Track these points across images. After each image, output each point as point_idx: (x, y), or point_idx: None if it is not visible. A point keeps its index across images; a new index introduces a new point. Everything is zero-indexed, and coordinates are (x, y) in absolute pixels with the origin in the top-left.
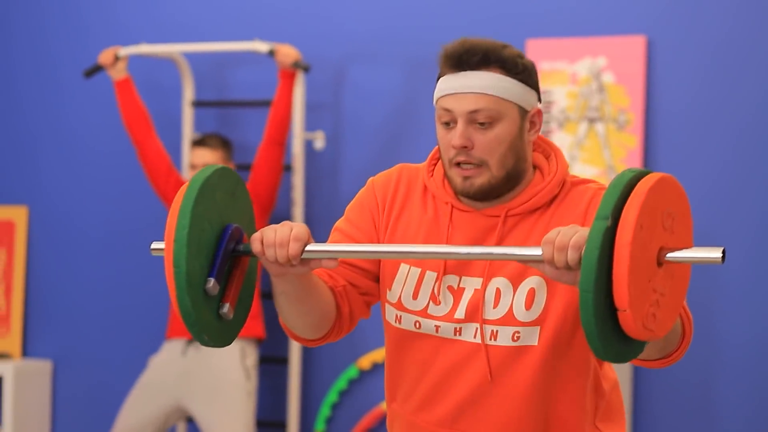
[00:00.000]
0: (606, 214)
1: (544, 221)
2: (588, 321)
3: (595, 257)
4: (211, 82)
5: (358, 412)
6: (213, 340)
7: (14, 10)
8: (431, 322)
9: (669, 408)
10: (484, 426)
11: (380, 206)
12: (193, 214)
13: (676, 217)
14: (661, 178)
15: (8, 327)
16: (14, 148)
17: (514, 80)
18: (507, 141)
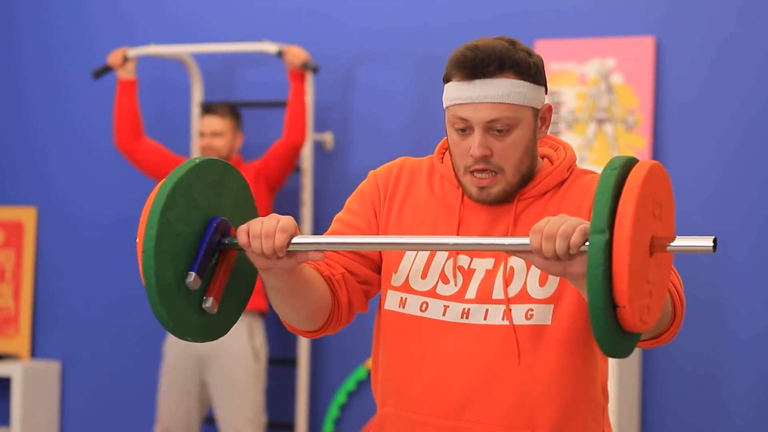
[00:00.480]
0: (602, 227)
1: (555, 203)
2: (602, 337)
3: (600, 274)
4: (219, 83)
5: (367, 413)
6: (197, 337)
7: (21, 11)
8: (440, 302)
9: (677, 400)
10: (492, 414)
11: (382, 194)
12: (160, 222)
13: (663, 204)
14: (648, 173)
15: (17, 328)
16: (23, 150)
17: (527, 83)
18: (523, 145)
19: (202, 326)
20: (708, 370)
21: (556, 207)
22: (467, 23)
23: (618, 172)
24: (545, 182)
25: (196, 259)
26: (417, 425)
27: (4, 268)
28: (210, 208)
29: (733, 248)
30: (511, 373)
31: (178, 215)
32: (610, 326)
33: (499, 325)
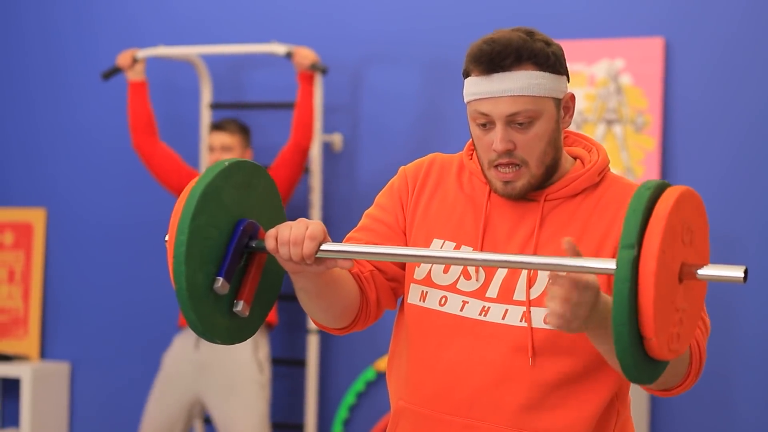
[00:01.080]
0: (632, 243)
1: (587, 208)
2: (624, 353)
3: (626, 289)
4: (228, 85)
5: (376, 414)
6: (227, 340)
7: (29, 14)
8: (459, 298)
9: (687, 398)
10: (501, 414)
11: (410, 188)
12: (191, 228)
13: (695, 230)
14: (679, 197)
15: (26, 329)
16: (32, 151)
17: (547, 73)
18: (546, 136)
19: (230, 329)
20: (717, 368)
21: (588, 212)
22: (476, 25)
23: (651, 192)
24: (574, 184)
25: (224, 264)
26: (428, 421)
27: (13, 269)
28: (238, 211)
29: (743, 247)
30: (523, 374)
31: (208, 219)
32: (633, 345)
33: (517, 326)
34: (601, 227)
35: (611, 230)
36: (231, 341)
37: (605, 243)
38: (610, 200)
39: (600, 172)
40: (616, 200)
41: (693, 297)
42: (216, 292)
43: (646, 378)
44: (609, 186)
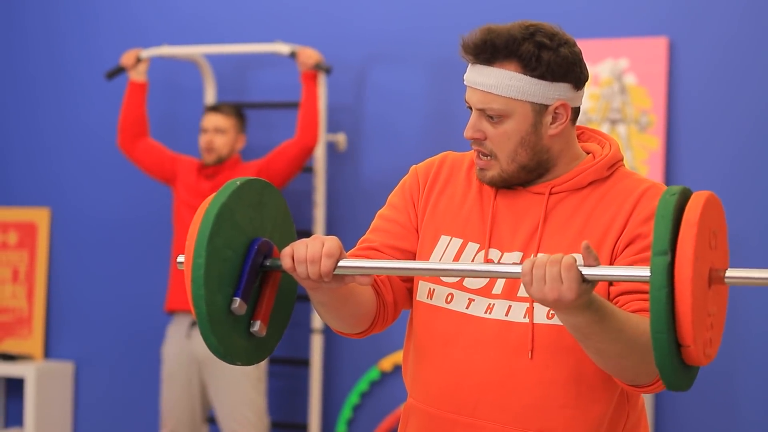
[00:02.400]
0: (665, 249)
1: (592, 202)
2: (664, 361)
3: (663, 296)
4: (232, 84)
5: (380, 414)
6: (245, 361)
7: (34, 14)
8: (465, 295)
9: (691, 398)
10: (506, 413)
11: (420, 186)
12: (208, 250)
13: (718, 234)
14: (706, 202)
15: (30, 329)
16: (36, 151)
17: (528, 77)
18: (517, 137)
19: (248, 350)
20: (721, 368)
21: (593, 205)
22: (479, 24)
23: (677, 198)
24: (579, 178)
25: (240, 284)
26: (435, 419)
27: (17, 268)
28: (252, 230)
29: (748, 246)
30: (526, 372)
31: (224, 240)
32: (673, 351)
33: (519, 323)
34: (604, 221)
35: (612, 225)
36: (249, 362)
37: (606, 238)
38: (615, 195)
39: (610, 166)
40: (621, 196)
41: (720, 300)
42: (233, 313)
43: (684, 384)
44: (618, 181)
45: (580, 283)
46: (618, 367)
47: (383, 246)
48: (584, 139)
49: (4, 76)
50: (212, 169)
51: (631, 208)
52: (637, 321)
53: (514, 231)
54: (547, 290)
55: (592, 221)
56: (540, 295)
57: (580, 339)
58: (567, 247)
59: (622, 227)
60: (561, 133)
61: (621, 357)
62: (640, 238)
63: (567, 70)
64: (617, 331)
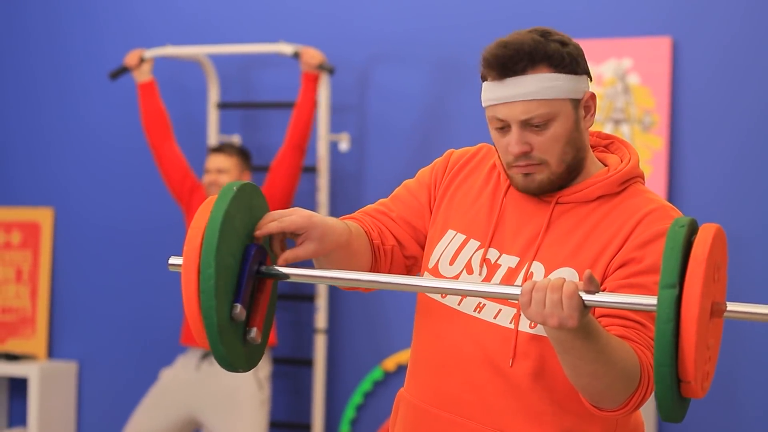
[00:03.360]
0: (674, 282)
1: (597, 217)
2: (665, 394)
3: (670, 330)
4: (235, 84)
5: (383, 413)
6: (246, 368)
7: (37, 14)
8: None
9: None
10: (486, 414)
11: (447, 171)
12: (217, 260)
13: (721, 267)
14: (714, 237)
15: (34, 328)
16: (39, 151)
17: (562, 74)
18: (564, 137)
19: (246, 357)
20: (724, 368)
21: (598, 220)
22: (482, 24)
23: (686, 230)
24: (588, 191)
25: (239, 291)
26: (420, 413)
27: (21, 268)
28: (246, 235)
29: (749, 246)
30: (506, 377)
31: (227, 248)
32: (673, 386)
33: (505, 328)
34: (603, 239)
35: (609, 245)
36: (249, 368)
37: (601, 256)
38: (619, 214)
39: (622, 181)
40: (624, 215)
41: (717, 332)
42: (234, 320)
43: (679, 417)
44: (626, 198)
45: (581, 311)
46: (588, 385)
47: (399, 218)
48: (612, 149)
49: (8, 76)
50: None
51: (630, 231)
52: (617, 345)
53: (516, 234)
54: (547, 315)
55: (593, 237)
56: (539, 318)
57: (559, 351)
58: (564, 258)
59: (618, 248)
60: (587, 129)
61: (593, 377)
62: (633, 263)
63: (584, 61)
64: (597, 351)
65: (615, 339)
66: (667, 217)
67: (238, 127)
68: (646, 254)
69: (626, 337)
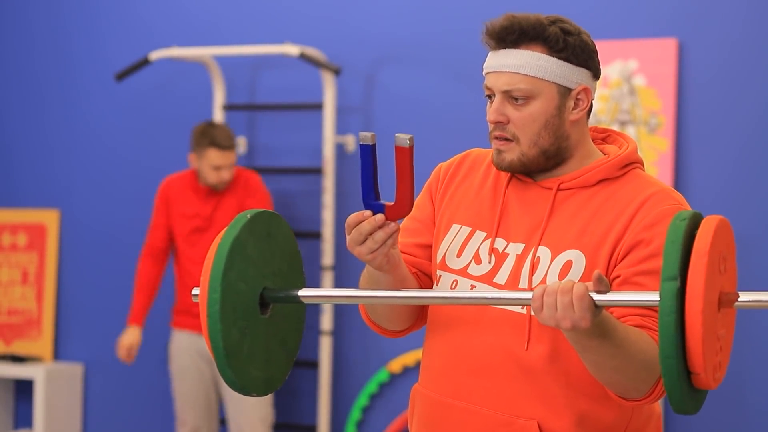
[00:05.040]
0: (674, 274)
1: (599, 200)
2: (673, 386)
3: (672, 322)
4: (241, 86)
5: (389, 415)
6: (262, 392)
7: (41, 16)
8: (468, 282)
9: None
10: (499, 400)
11: (440, 181)
12: (223, 285)
13: (727, 257)
14: (716, 229)
15: (40, 330)
16: (45, 154)
17: (555, 58)
18: (541, 119)
19: (264, 381)
20: (731, 366)
21: (600, 204)
22: None
23: (687, 224)
24: (588, 175)
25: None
26: (434, 404)
27: (26, 270)
28: (262, 261)
29: (756, 247)
30: (520, 361)
31: (237, 275)
32: (682, 377)
33: (518, 313)
34: (606, 221)
35: (614, 227)
36: (264, 393)
37: (606, 239)
38: (622, 196)
39: (622, 166)
40: (626, 197)
41: (728, 322)
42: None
43: (693, 408)
44: (628, 182)
45: (593, 312)
46: (611, 379)
47: (404, 245)
48: (609, 141)
49: (14, 80)
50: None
51: (634, 212)
52: (636, 338)
53: (520, 222)
54: (560, 318)
55: (596, 220)
56: (553, 322)
57: (578, 350)
58: (570, 241)
59: (623, 230)
60: (579, 122)
61: (616, 371)
62: (643, 245)
63: (588, 56)
64: (616, 347)
65: (633, 331)
66: (670, 198)
67: (244, 129)
68: (655, 236)
69: (644, 326)
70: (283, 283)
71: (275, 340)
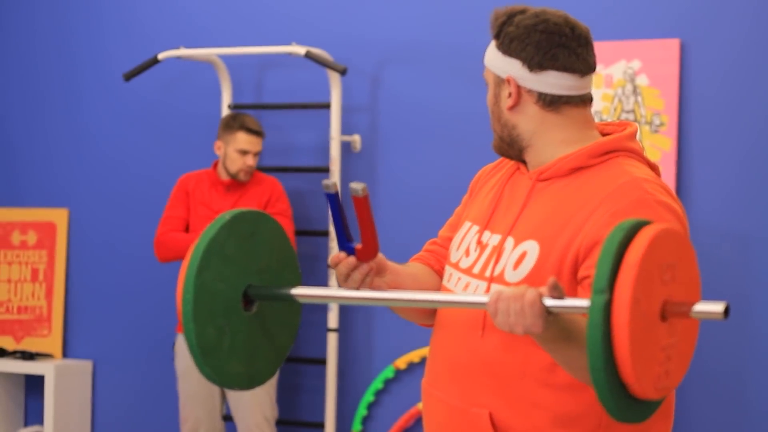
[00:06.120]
0: (602, 287)
1: (572, 188)
2: (605, 397)
3: (599, 335)
4: (248, 86)
5: (395, 412)
6: (246, 386)
7: (49, 17)
8: (456, 274)
9: (702, 396)
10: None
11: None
12: (196, 285)
13: (676, 266)
14: (653, 240)
15: (49, 327)
16: (54, 154)
17: (496, 50)
18: (489, 105)
19: (247, 376)
20: (732, 368)
21: (571, 192)
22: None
23: (624, 234)
24: (560, 165)
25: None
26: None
27: (36, 268)
28: (245, 261)
29: (758, 246)
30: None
31: (213, 275)
32: (615, 388)
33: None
34: (568, 212)
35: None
36: (250, 386)
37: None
38: (594, 184)
39: (599, 153)
40: (597, 185)
41: (684, 329)
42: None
43: (636, 417)
44: (603, 170)
45: (545, 317)
46: (584, 378)
47: (440, 237)
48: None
49: (22, 83)
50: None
51: (599, 203)
52: None
53: (506, 214)
54: (513, 323)
55: (561, 209)
56: (507, 327)
57: (548, 351)
58: (530, 232)
59: (583, 222)
60: (523, 112)
61: (586, 369)
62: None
63: (519, 47)
64: (581, 348)
65: None
66: (638, 188)
67: None
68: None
69: None
70: (273, 280)
71: (262, 335)
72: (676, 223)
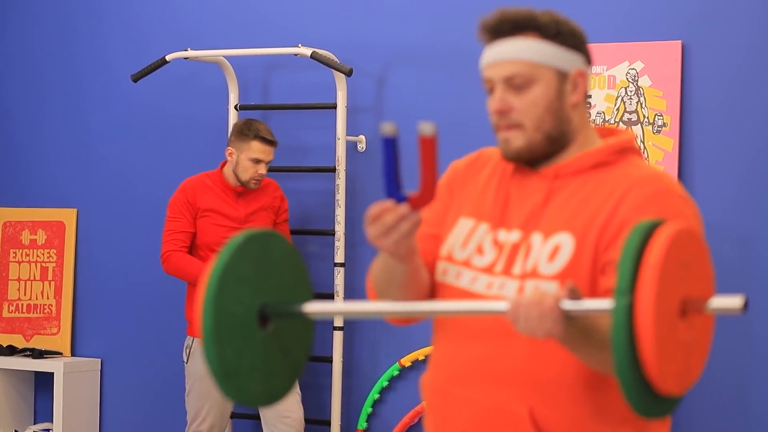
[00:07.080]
0: (624, 288)
1: (594, 184)
2: (631, 396)
3: (623, 337)
4: (255, 87)
5: (400, 409)
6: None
7: (52, 18)
8: (470, 273)
9: (703, 399)
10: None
11: (454, 176)
12: (215, 310)
13: (691, 264)
14: (671, 241)
15: (58, 326)
16: (65, 155)
17: (550, 43)
18: (543, 103)
19: (266, 394)
20: (733, 368)
21: (592, 188)
22: None
23: (642, 236)
24: (583, 161)
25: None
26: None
27: (46, 267)
28: (259, 281)
29: (761, 247)
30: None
31: (231, 298)
32: (641, 386)
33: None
34: (595, 204)
35: (603, 208)
36: (270, 403)
37: (594, 220)
38: (614, 179)
39: (618, 150)
40: (617, 180)
41: (702, 323)
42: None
43: (660, 412)
44: (622, 167)
45: (564, 321)
46: (605, 370)
47: (420, 235)
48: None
49: (30, 84)
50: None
51: (623, 194)
52: None
53: (520, 212)
54: (535, 328)
55: (587, 203)
56: (529, 332)
57: (569, 349)
58: (560, 225)
59: (611, 213)
60: (579, 106)
61: (607, 364)
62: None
63: (580, 41)
64: (602, 342)
65: None
66: (659, 181)
67: None
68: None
69: None
70: (286, 297)
71: (277, 353)
72: (696, 216)
